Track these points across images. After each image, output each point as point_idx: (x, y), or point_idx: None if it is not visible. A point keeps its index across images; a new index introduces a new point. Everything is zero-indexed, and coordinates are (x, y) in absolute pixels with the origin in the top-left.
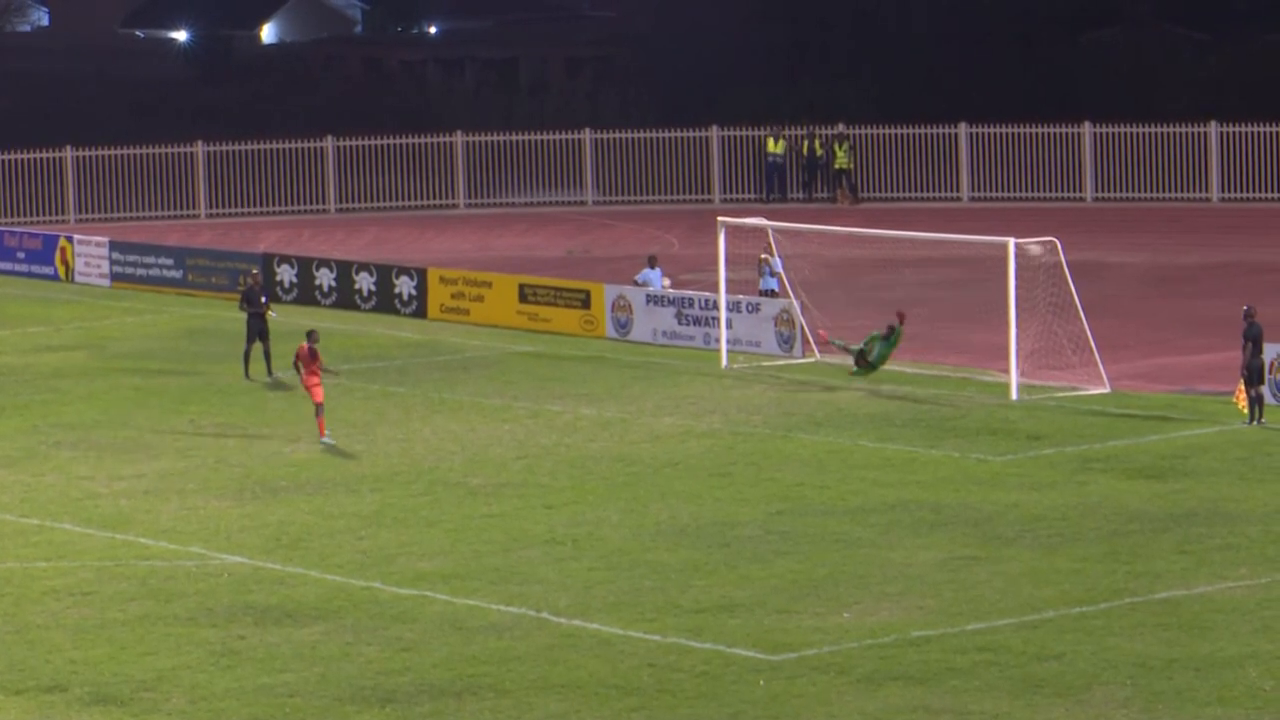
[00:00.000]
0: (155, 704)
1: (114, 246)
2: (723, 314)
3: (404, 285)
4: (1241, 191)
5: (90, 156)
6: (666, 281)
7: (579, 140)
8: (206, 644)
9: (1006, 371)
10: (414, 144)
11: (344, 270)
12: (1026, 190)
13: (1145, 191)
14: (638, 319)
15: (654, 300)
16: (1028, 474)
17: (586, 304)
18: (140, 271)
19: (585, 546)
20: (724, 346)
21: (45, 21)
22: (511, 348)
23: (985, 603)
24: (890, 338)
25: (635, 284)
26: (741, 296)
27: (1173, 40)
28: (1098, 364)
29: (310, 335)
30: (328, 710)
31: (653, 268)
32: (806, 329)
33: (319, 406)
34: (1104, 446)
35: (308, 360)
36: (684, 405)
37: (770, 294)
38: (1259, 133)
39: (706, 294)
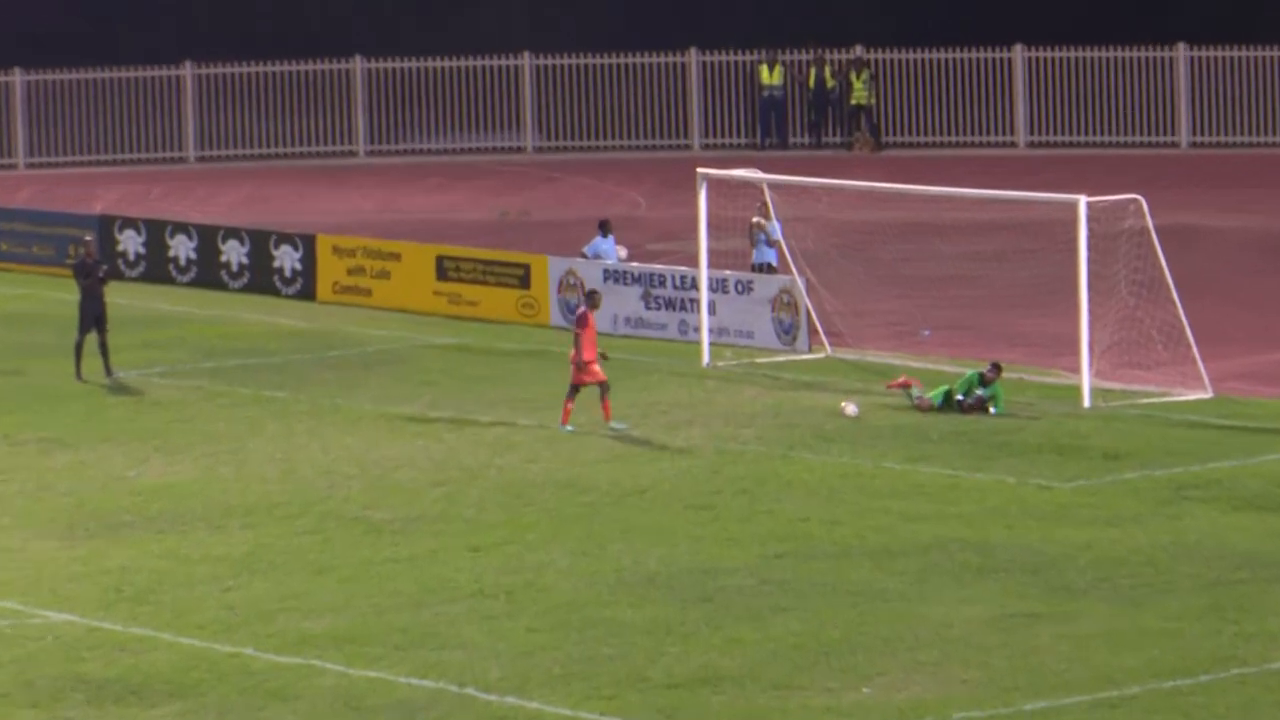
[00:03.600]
0: None
1: None
2: (704, 295)
3: (286, 257)
4: None
5: None
6: (623, 252)
7: (515, 68)
8: None
9: (1076, 371)
10: (298, 72)
11: (207, 238)
12: (1100, 133)
13: (1256, 135)
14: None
15: (614, 277)
16: (1104, 505)
17: (525, 282)
18: None
19: (523, 600)
20: (705, 337)
21: None
22: (427, 339)
23: (1049, 674)
24: (990, 392)
25: (584, 258)
26: (729, 273)
27: None
28: (1196, 361)
29: (590, 296)
30: None
31: (605, 235)
32: (813, 314)
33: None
34: (1204, 469)
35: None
36: (653, 414)
37: (766, 269)
38: None
39: (682, 269)
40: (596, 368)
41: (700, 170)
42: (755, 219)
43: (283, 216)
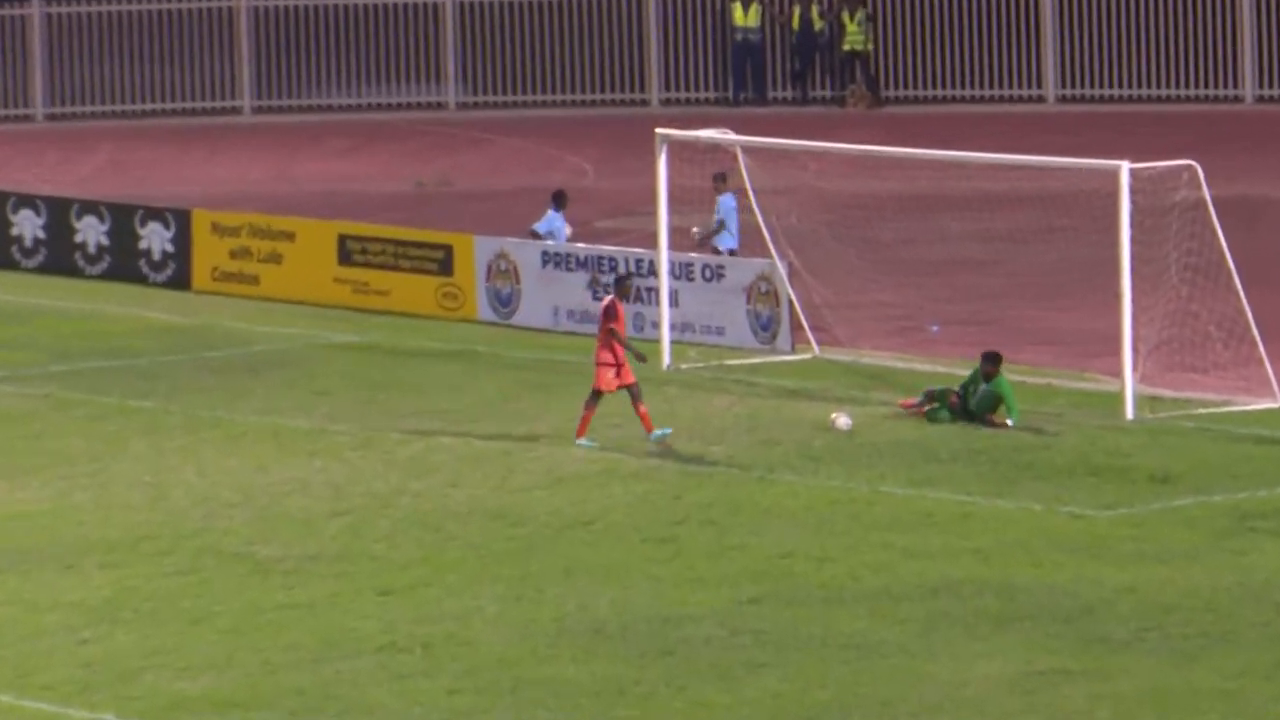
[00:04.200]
0: None
1: None
2: (664, 283)
3: (154, 237)
4: None
5: None
6: (569, 230)
7: (435, 6)
8: None
9: (1116, 375)
10: (169, 11)
11: (58, 213)
12: (1147, 84)
13: None
14: (527, 291)
15: (553, 261)
16: (1150, 538)
17: (446, 267)
18: None
19: (443, 656)
20: (666, 334)
21: None
22: (327, 336)
23: None
24: (992, 384)
25: (534, 236)
26: (695, 256)
27: None
28: (1263, 362)
29: (620, 284)
30: None
31: (559, 209)
32: (797, 306)
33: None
34: (1272, 495)
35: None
36: (603, 428)
37: (722, 254)
38: None
39: (637, 252)
40: (628, 369)
41: (660, 131)
42: (720, 183)
43: (151, 187)
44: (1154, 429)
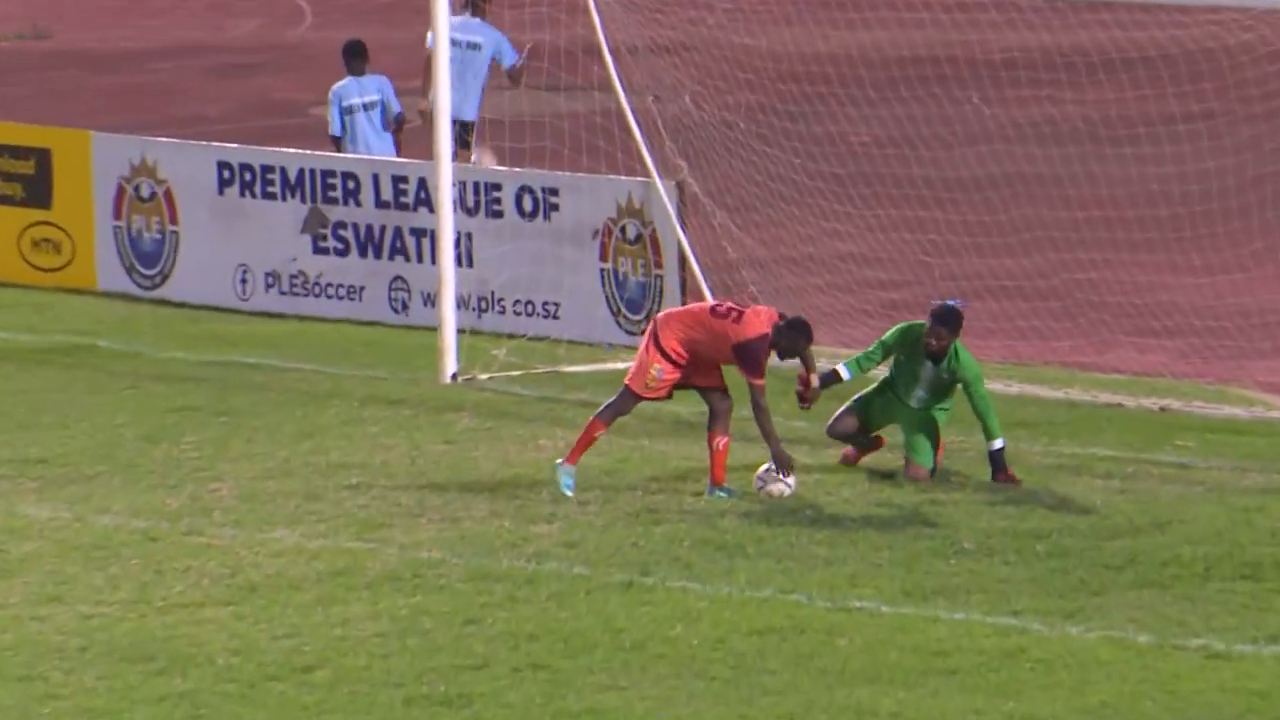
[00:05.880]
0: None
1: None
2: (445, 224)
3: None
4: None
5: None
6: (397, 107)
7: None
8: None
9: None
10: None
11: None
12: None
13: None
14: (192, 238)
15: (240, 181)
16: None
17: (39, 194)
18: None
19: None
20: (449, 317)
21: None
22: None
23: None
24: (946, 364)
25: (336, 133)
26: (503, 170)
27: None
28: None
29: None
30: None
31: (358, 75)
32: (692, 259)
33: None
34: None
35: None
36: (303, 505)
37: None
38: None
39: (398, 164)
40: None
41: None
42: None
43: None
44: None
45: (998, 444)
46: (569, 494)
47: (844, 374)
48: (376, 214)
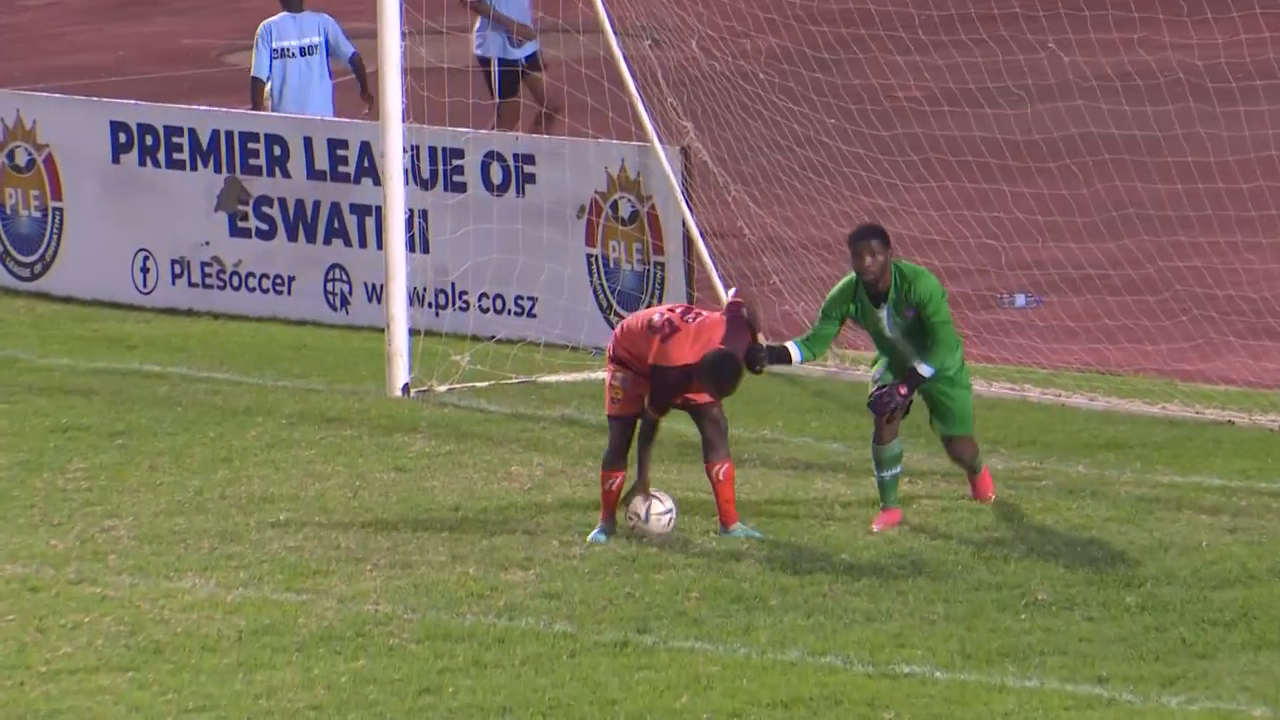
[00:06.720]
0: None
1: None
2: (393, 196)
3: None
4: None
5: None
6: (347, 50)
7: None
8: None
9: None
10: None
11: None
12: None
13: None
14: (80, 218)
15: (137, 146)
16: None
17: None
18: None
19: None
20: (400, 314)
21: None
22: None
23: None
24: (896, 294)
25: (255, 89)
26: (468, 132)
27: None
28: None
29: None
30: None
31: (294, 10)
32: (700, 242)
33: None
34: None
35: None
36: (254, 525)
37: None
38: None
39: (336, 126)
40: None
41: None
42: None
43: None
44: None
45: (925, 369)
46: (602, 540)
47: (794, 354)
48: (309, 186)
